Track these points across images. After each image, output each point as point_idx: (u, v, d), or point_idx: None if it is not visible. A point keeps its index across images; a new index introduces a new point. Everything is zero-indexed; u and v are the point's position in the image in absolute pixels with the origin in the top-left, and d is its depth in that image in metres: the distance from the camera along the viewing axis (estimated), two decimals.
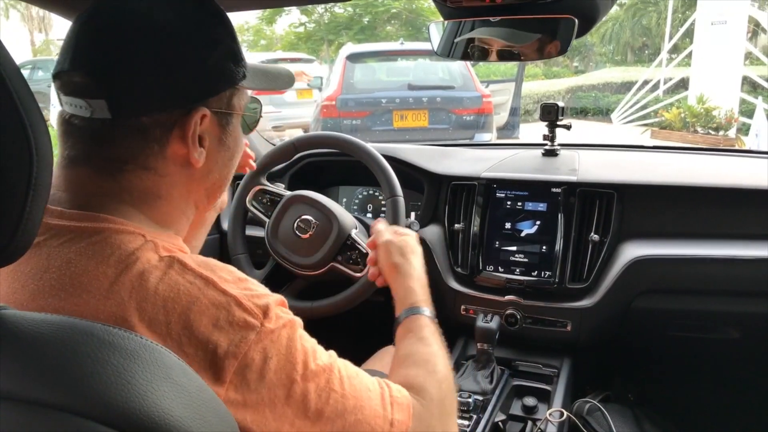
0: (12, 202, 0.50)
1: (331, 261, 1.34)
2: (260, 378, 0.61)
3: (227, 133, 0.74)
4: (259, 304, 0.63)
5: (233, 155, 0.77)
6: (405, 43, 6.92)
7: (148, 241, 0.64)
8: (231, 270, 0.67)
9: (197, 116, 0.67)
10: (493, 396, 1.24)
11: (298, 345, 0.65)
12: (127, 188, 0.67)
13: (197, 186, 0.73)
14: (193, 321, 0.59)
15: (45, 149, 0.51)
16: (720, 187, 1.38)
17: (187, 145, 0.68)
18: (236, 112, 0.74)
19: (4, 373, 0.49)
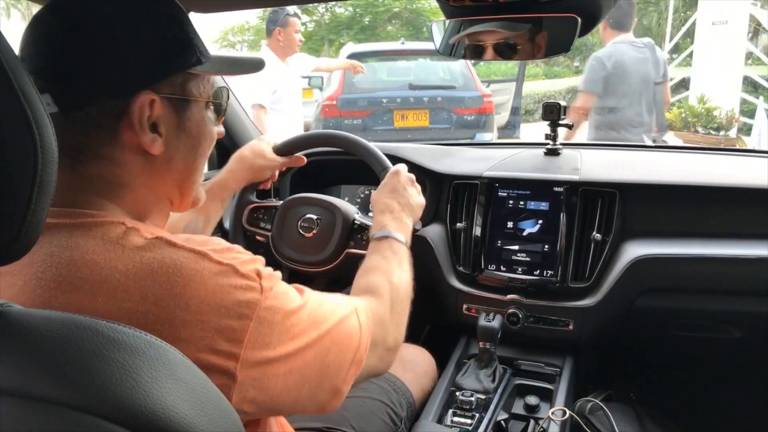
0: (17, 200, 0.50)
1: (344, 248, 1.35)
2: (273, 332, 0.66)
3: (186, 119, 0.74)
4: (252, 268, 0.67)
5: (198, 142, 0.77)
6: (406, 42, 6.91)
7: (130, 228, 0.65)
8: (217, 241, 0.69)
9: (142, 101, 0.68)
10: (496, 395, 1.24)
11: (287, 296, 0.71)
12: (89, 178, 0.69)
13: (161, 175, 0.74)
14: (199, 291, 0.61)
15: (49, 146, 0.52)
16: (722, 187, 1.38)
17: (138, 132, 0.69)
18: (195, 99, 0.75)
19: (9, 369, 0.49)
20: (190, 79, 0.74)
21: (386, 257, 1.03)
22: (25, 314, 0.53)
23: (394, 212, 1.16)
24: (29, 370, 0.49)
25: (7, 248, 0.51)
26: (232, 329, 0.63)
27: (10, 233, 0.50)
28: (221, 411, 0.56)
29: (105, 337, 0.52)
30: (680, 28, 11.43)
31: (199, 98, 0.76)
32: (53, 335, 0.51)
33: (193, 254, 0.64)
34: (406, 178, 1.24)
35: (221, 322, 0.62)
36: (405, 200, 1.19)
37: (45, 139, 0.51)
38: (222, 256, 0.66)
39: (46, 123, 0.52)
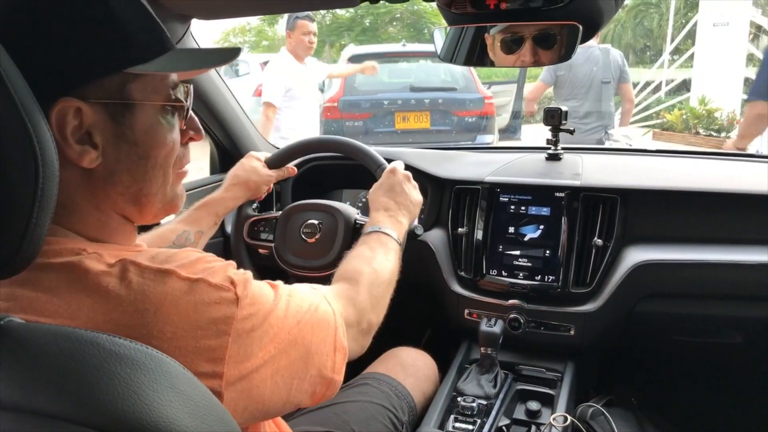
0: (18, 213, 0.50)
1: (348, 250, 1.35)
2: (253, 341, 0.64)
3: (128, 127, 0.65)
4: (224, 276, 0.65)
5: (147, 153, 0.67)
6: (407, 44, 6.92)
7: (91, 253, 0.61)
8: (185, 253, 0.66)
9: (62, 109, 0.60)
10: (497, 400, 1.24)
11: (262, 293, 0.69)
12: None
13: (105, 192, 0.66)
14: (172, 315, 0.59)
15: (50, 159, 0.52)
16: (723, 192, 1.38)
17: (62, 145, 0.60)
18: (138, 102, 0.65)
19: (10, 384, 0.50)
20: (131, 79, 0.64)
21: (372, 247, 1.04)
22: (26, 328, 0.53)
23: (389, 210, 1.16)
24: (30, 384, 0.49)
25: (8, 262, 0.51)
26: (211, 349, 0.60)
27: (11, 247, 0.50)
28: (223, 422, 0.56)
29: (106, 350, 0.52)
30: (681, 30, 11.43)
31: (145, 101, 0.66)
32: (54, 349, 0.51)
33: (160, 274, 0.60)
34: (402, 176, 1.24)
35: (199, 344, 0.60)
36: (402, 198, 1.19)
37: (46, 152, 0.51)
38: (190, 270, 0.62)
39: (47, 137, 0.52)
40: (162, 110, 0.68)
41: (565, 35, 1.10)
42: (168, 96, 0.69)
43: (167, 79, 0.69)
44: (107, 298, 0.58)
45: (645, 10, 18.17)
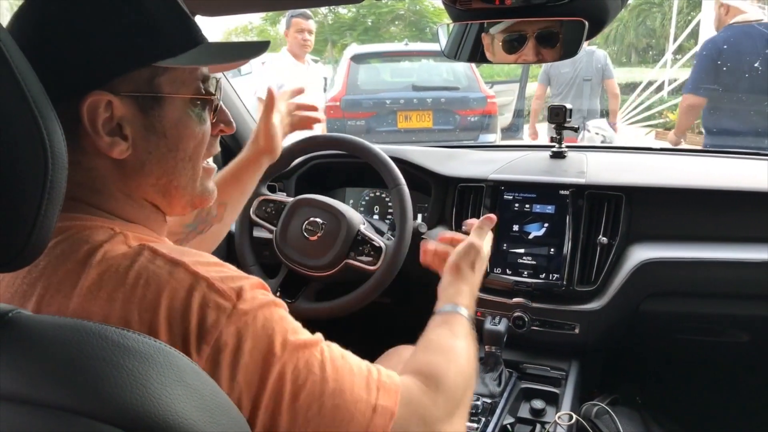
0: (27, 206, 0.50)
1: (344, 258, 1.35)
2: (234, 362, 0.59)
3: (157, 119, 0.66)
4: (233, 286, 0.61)
5: (175, 145, 0.69)
6: (409, 43, 6.91)
7: (118, 233, 0.63)
8: (207, 255, 0.65)
9: (94, 102, 0.62)
10: (502, 399, 1.24)
11: (276, 326, 0.62)
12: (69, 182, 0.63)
13: (135, 182, 0.68)
14: (165, 306, 0.58)
15: (59, 150, 0.51)
16: (729, 190, 1.38)
17: (93, 136, 0.63)
18: (167, 95, 0.66)
19: (18, 376, 0.49)
20: (160, 73, 0.65)
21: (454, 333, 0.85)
22: (33, 320, 0.53)
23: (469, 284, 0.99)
24: (38, 376, 0.49)
25: (18, 253, 0.51)
26: (190, 354, 0.57)
27: (21, 238, 0.50)
28: (231, 418, 0.56)
29: (114, 343, 0.52)
30: (684, 29, 11.40)
31: (174, 94, 0.67)
32: (62, 342, 0.51)
33: (170, 264, 0.60)
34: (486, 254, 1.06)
35: (179, 344, 0.57)
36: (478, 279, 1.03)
37: (55, 144, 0.51)
38: (200, 268, 0.61)
39: (56, 129, 0.52)
40: (191, 103, 0.69)
41: (569, 32, 1.10)
42: (197, 89, 0.70)
43: (196, 73, 0.69)
44: (115, 280, 0.59)
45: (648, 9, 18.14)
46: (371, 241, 1.34)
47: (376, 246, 1.34)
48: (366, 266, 1.34)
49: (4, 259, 0.51)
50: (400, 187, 1.35)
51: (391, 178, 1.36)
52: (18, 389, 0.49)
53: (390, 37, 15.38)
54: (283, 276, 1.45)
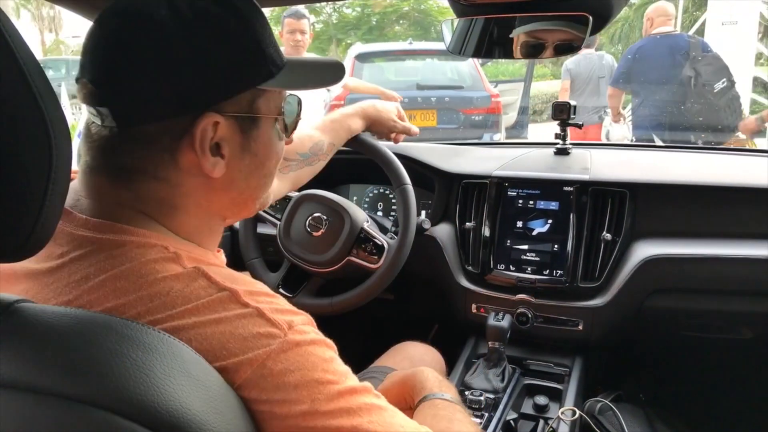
0: (31, 196, 0.50)
1: (346, 255, 1.35)
2: (276, 387, 0.57)
3: (252, 139, 0.68)
4: (285, 318, 0.61)
5: (262, 163, 0.70)
6: (413, 43, 6.91)
7: (171, 252, 0.62)
8: (259, 284, 0.65)
9: (206, 123, 0.62)
10: (505, 394, 1.23)
11: (327, 366, 0.60)
12: (142, 198, 0.65)
13: (219, 197, 0.69)
14: (209, 330, 0.58)
15: (64, 142, 0.51)
16: (733, 186, 1.37)
17: (198, 155, 0.63)
18: (263, 116, 0.68)
19: (22, 364, 0.50)
20: (260, 95, 0.67)
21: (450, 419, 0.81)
22: (39, 310, 0.54)
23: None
24: (41, 364, 0.50)
25: (23, 242, 0.51)
26: (229, 374, 0.57)
27: (25, 229, 0.50)
28: (235, 410, 0.56)
29: (118, 333, 0.52)
30: (690, 29, 11.35)
31: (268, 115, 0.69)
32: (67, 331, 0.52)
33: (223, 292, 0.60)
34: None
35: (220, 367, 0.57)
36: None
37: (60, 137, 0.51)
38: (252, 298, 0.60)
39: (62, 121, 0.52)
40: (275, 122, 0.71)
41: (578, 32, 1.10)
42: (280, 109, 0.71)
43: (282, 94, 0.72)
44: (164, 303, 0.58)
45: None
46: (374, 239, 1.35)
47: (379, 244, 1.34)
48: (368, 264, 1.34)
49: (8, 250, 0.51)
50: (405, 186, 1.35)
51: (397, 177, 1.37)
52: (21, 377, 0.49)
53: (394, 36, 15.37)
54: (285, 270, 1.45)
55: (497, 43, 1.23)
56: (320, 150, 1.30)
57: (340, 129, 1.34)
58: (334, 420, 0.58)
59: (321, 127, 1.31)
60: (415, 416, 0.81)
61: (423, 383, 0.89)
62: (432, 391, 0.86)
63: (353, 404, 0.60)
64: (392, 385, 0.94)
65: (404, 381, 0.92)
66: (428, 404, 0.84)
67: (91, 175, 0.66)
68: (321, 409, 0.58)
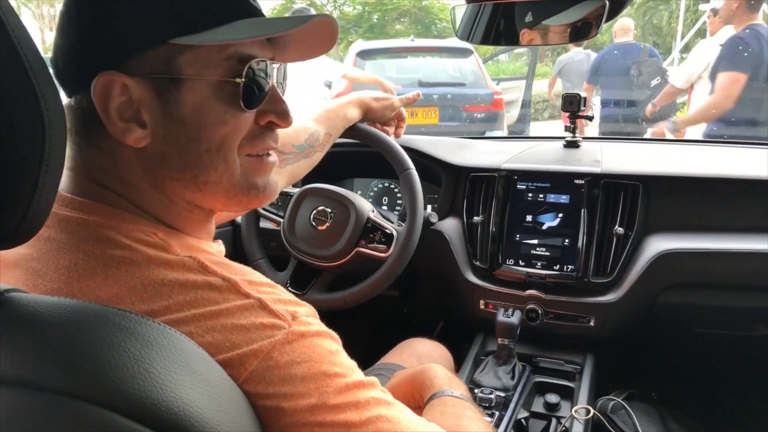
0: (23, 178, 0.47)
1: (354, 247, 1.31)
2: (283, 380, 0.55)
3: (175, 104, 0.59)
4: (288, 309, 0.59)
5: (197, 134, 0.60)
6: (415, 40, 6.88)
7: (160, 239, 0.59)
8: (256, 274, 0.62)
9: (105, 84, 0.57)
10: (516, 392, 1.20)
11: (333, 359, 0.59)
12: (91, 166, 0.62)
13: (159, 174, 0.62)
14: (211, 323, 0.55)
15: (58, 127, 0.48)
16: (748, 179, 1.34)
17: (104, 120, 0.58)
18: (187, 76, 0.59)
19: (14, 358, 0.47)
20: (180, 51, 0.58)
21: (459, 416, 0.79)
22: (31, 300, 0.50)
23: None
24: (35, 358, 0.47)
25: (13, 230, 0.48)
26: (234, 367, 0.55)
27: (17, 214, 0.47)
28: (238, 406, 0.53)
29: (116, 325, 0.49)
30: (691, 27, 11.33)
31: (195, 76, 0.59)
32: (61, 322, 0.48)
33: (222, 281, 0.57)
34: None
35: (223, 359, 0.54)
36: None
37: (52, 111, 0.47)
38: (252, 288, 0.58)
39: (56, 98, 0.48)
40: (218, 87, 0.60)
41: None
42: (229, 70, 0.61)
43: (228, 51, 0.60)
44: (159, 292, 0.55)
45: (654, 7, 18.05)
46: (382, 228, 1.31)
47: (388, 233, 1.30)
48: (378, 253, 1.30)
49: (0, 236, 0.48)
50: (409, 171, 1.31)
51: (399, 162, 1.32)
52: (15, 371, 0.46)
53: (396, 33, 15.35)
54: (292, 268, 1.41)
55: (505, 30, 1.20)
56: (316, 141, 1.24)
57: (336, 118, 1.29)
58: (342, 414, 0.56)
59: (316, 117, 1.27)
60: (423, 414, 0.80)
61: (432, 380, 0.87)
62: (441, 388, 0.85)
63: (361, 398, 0.58)
64: (400, 382, 0.92)
65: (413, 378, 0.90)
66: (437, 401, 0.82)
67: None
68: (329, 402, 0.56)
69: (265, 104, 0.65)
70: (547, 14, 1.10)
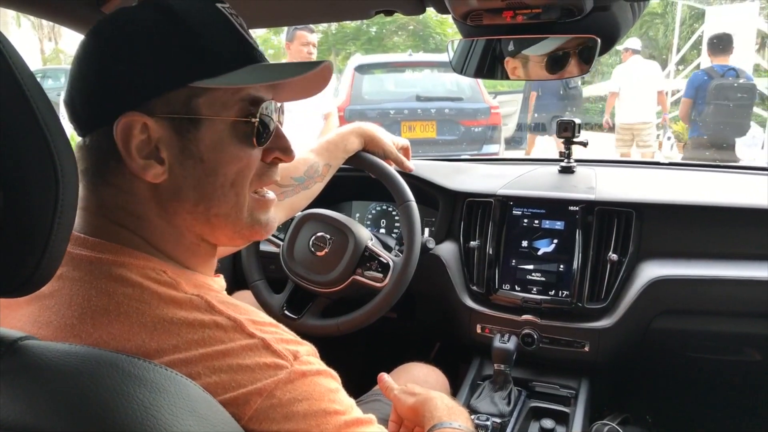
0: (38, 229, 0.48)
1: (351, 275, 1.33)
2: (286, 417, 0.58)
3: (193, 142, 0.63)
4: (289, 348, 0.61)
5: (214, 169, 0.64)
6: (413, 54, 6.93)
7: (170, 278, 0.62)
8: (261, 314, 0.64)
9: (127, 123, 0.60)
10: (512, 418, 1.22)
11: (333, 396, 0.62)
12: (107, 206, 0.65)
13: (172, 207, 0.65)
14: (217, 363, 0.57)
15: (70, 174, 0.50)
16: (740, 207, 1.36)
17: (125, 157, 0.61)
18: (205, 117, 0.63)
19: (25, 406, 0.48)
20: (198, 94, 0.62)
21: None
22: (44, 348, 0.52)
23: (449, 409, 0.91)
24: (46, 407, 0.48)
25: (27, 279, 0.50)
26: (238, 406, 0.57)
27: (31, 263, 0.49)
28: None
29: (125, 372, 0.50)
30: (687, 41, 11.41)
31: (212, 116, 0.63)
32: (72, 371, 0.50)
33: (228, 321, 0.59)
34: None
35: (226, 399, 0.56)
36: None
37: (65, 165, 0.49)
38: (257, 328, 0.60)
39: (68, 149, 0.50)
40: (233, 127, 0.65)
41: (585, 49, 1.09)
42: (242, 111, 0.65)
43: (241, 94, 0.65)
44: (168, 331, 0.57)
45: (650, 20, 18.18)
46: (379, 258, 1.33)
47: (384, 262, 1.32)
48: (374, 283, 1.33)
49: (13, 285, 0.50)
50: (409, 203, 1.34)
51: (400, 193, 1.35)
52: (25, 419, 0.47)
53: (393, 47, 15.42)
54: (289, 291, 1.43)
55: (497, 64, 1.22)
56: (315, 172, 1.28)
57: (336, 149, 1.32)
58: None
59: (316, 149, 1.30)
60: None
61: (432, 412, 0.89)
62: (441, 420, 0.86)
63: None
64: (404, 412, 0.94)
65: (414, 409, 0.91)
66: None
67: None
68: None
69: (271, 142, 0.69)
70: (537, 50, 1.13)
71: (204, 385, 0.56)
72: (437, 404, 0.90)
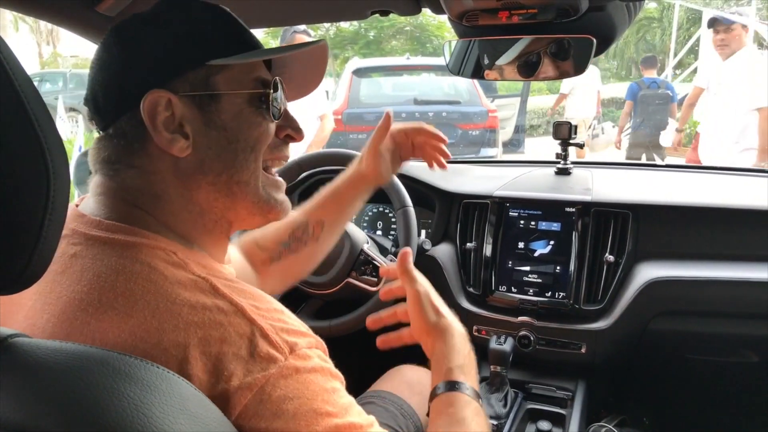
0: (28, 227, 0.48)
1: (345, 277, 1.33)
2: (275, 415, 0.57)
3: (215, 114, 0.68)
4: (288, 339, 0.60)
5: (235, 137, 0.69)
6: (411, 58, 6.94)
7: (180, 258, 0.63)
8: (267, 299, 0.64)
9: (153, 100, 0.64)
10: (508, 420, 1.21)
11: (328, 397, 0.60)
12: (127, 188, 0.67)
13: (195, 181, 0.68)
14: (213, 348, 0.57)
15: (61, 171, 0.50)
16: (737, 208, 1.36)
17: (152, 132, 0.65)
18: (224, 92, 0.68)
19: (15, 404, 0.48)
20: (216, 72, 0.68)
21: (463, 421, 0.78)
22: (34, 346, 0.52)
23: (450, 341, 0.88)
24: (36, 405, 0.48)
25: (17, 276, 0.49)
26: (228, 398, 0.56)
27: (22, 260, 0.49)
28: None
29: (116, 370, 0.50)
30: (684, 45, 11.46)
31: (231, 91, 0.69)
32: (62, 369, 0.50)
33: (229, 305, 0.60)
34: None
35: (219, 386, 0.57)
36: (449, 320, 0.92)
37: (57, 164, 0.49)
38: (258, 314, 0.60)
39: (60, 146, 0.50)
40: (249, 100, 0.70)
41: (577, 47, 1.09)
42: (255, 89, 0.71)
43: (252, 74, 0.71)
44: (170, 310, 0.58)
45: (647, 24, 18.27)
46: (374, 261, 1.33)
47: (379, 266, 1.32)
48: (367, 286, 1.32)
49: (4, 282, 0.49)
50: (407, 208, 1.34)
51: (398, 199, 1.35)
52: (15, 417, 0.47)
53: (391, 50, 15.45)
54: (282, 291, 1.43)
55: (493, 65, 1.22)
56: (304, 233, 1.11)
57: (332, 204, 1.13)
58: None
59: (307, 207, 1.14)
60: (431, 413, 0.81)
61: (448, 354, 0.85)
62: (453, 373, 0.82)
63: None
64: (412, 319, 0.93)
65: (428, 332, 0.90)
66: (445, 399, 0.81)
67: (93, 177, 0.71)
68: None
69: (283, 120, 0.76)
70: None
71: (195, 373, 0.56)
72: (457, 346, 0.85)
